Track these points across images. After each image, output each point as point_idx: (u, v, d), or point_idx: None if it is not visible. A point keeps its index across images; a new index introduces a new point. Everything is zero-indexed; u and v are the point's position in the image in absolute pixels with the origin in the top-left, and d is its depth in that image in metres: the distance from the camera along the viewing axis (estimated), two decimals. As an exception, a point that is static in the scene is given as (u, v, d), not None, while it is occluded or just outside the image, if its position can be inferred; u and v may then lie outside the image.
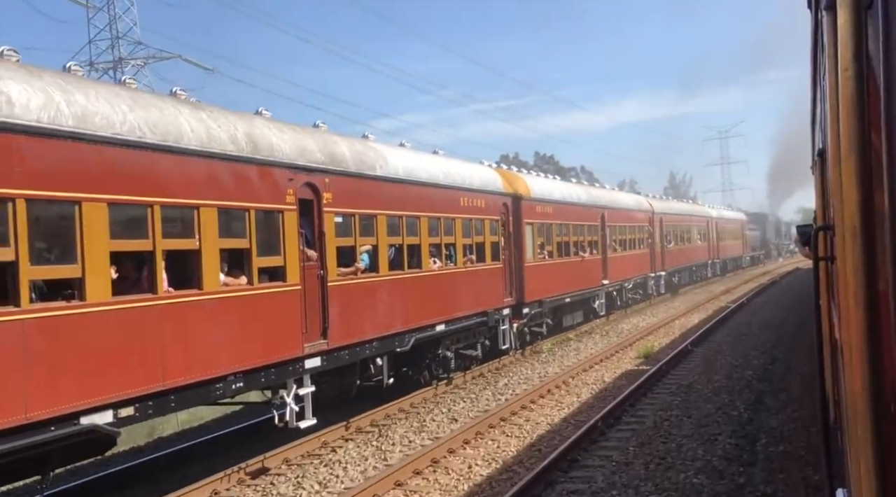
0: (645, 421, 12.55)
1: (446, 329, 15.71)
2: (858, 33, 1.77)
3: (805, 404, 12.86)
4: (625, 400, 13.71)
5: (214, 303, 9.54)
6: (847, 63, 1.80)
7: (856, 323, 1.80)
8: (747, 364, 17.34)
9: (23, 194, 7.11)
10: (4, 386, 6.87)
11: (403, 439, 12.40)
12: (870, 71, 1.70)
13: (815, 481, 8.69)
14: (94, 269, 7.81)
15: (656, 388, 15.34)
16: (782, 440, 10.99)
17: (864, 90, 1.75)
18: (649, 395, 14.71)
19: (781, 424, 11.89)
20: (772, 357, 18.20)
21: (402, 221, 14.14)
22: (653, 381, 15.64)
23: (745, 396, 14.05)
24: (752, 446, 10.75)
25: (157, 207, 8.65)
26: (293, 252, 11.01)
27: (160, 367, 8.59)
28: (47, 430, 7.31)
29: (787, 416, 12.35)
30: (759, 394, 14.24)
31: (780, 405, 13.23)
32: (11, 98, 7.10)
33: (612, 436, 11.80)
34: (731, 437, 11.26)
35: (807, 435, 10.97)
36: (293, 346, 10.98)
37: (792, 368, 16.63)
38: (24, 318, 7.08)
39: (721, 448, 10.70)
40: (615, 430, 12.10)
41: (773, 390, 14.50)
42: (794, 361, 17.39)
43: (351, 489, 9.72)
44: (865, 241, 1.76)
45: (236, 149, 10.02)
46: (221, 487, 10.10)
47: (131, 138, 8.34)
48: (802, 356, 17.50)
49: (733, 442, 10.96)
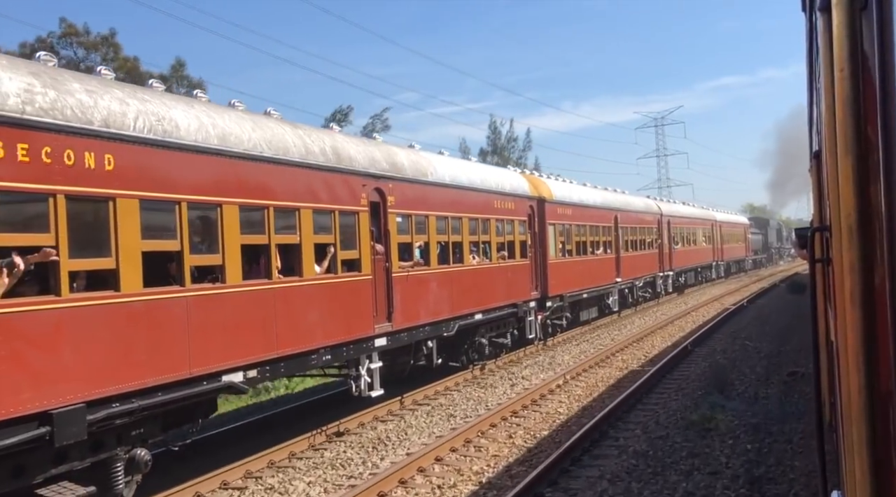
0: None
1: (483, 318, 17.66)
2: (853, 34, 1.75)
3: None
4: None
5: (311, 288, 11.51)
6: (842, 63, 1.78)
7: (851, 323, 1.77)
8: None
9: (185, 199, 9.09)
10: (176, 347, 8.85)
11: (458, 410, 14.36)
12: (865, 71, 1.69)
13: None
14: (231, 258, 9.79)
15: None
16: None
17: (859, 90, 1.73)
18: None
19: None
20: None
21: (448, 221, 16.11)
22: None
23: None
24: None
25: (272, 209, 10.63)
26: (366, 247, 12.99)
27: (274, 338, 10.56)
28: (202, 384, 9.28)
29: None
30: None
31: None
32: (178, 124, 9.09)
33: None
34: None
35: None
36: (366, 326, 12.95)
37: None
38: (188, 296, 9.07)
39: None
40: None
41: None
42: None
43: (414, 453, 11.65)
44: (861, 240, 1.73)
45: (325, 160, 11.99)
46: (317, 442, 12.11)
47: (255, 153, 10.33)
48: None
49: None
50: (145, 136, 8.54)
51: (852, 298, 1.75)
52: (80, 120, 7.74)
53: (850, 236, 1.75)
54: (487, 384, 17.01)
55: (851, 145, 1.73)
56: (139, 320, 8.37)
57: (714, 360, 18.30)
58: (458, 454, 11.35)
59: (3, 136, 6.98)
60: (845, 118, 1.76)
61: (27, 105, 7.23)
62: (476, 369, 18.36)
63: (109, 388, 7.94)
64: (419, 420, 13.70)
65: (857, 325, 1.73)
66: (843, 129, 1.77)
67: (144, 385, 8.36)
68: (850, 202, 1.74)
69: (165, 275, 9.03)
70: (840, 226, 1.83)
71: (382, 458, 11.27)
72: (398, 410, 14.48)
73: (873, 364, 1.69)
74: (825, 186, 3.29)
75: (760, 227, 73.48)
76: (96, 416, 7.77)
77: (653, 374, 16.29)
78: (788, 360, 17.58)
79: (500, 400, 15.00)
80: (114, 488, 8.43)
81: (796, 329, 22.19)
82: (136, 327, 8.33)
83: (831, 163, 2.15)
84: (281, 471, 10.84)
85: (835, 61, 1.82)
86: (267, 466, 11.01)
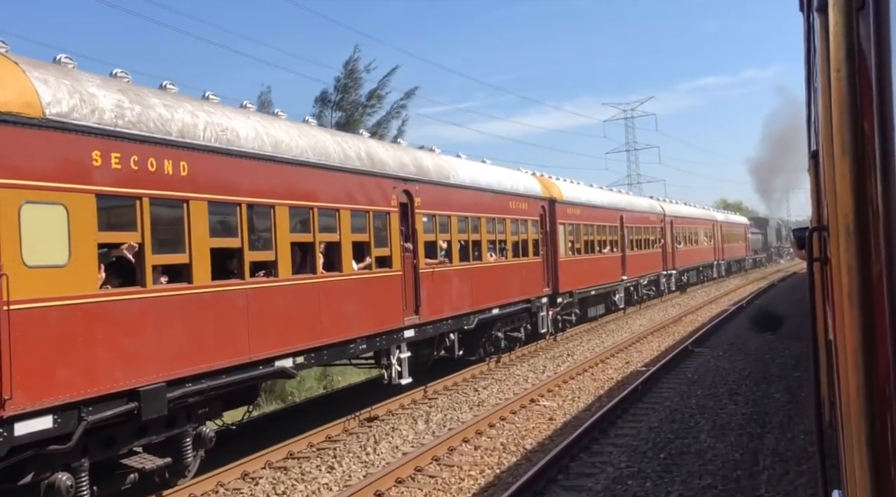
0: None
1: (500, 313, 18.63)
2: (850, 34, 1.75)
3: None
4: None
5: (349, 282, 12.48)
6: (839, 64, 1.78)
7: (850, 322, 1.77)
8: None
9: (245, 201, 10.05)
10: (239, 334, 9.82)
11: (483, 393, 15.34)
12: (862, 71, 1.69)
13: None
14: (283, 255, 10.76)
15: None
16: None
17: (856, 90, 1.74)
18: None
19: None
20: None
21: (468, 221, 17.09)
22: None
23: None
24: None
25: (316, 210, 11.59)
26: (396, 244, 13.96)
27: (318, 327, 11.52)
28: (258, 368, 10.25)
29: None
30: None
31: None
32: (239, 133, 10.06)
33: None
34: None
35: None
36: (397, 318, 13.92)
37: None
38: (248, 288, 10.04)
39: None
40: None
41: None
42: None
43: (441, 435, 12.63)
44: (859, 240, 1.73)
45: (361, 165, 12.96)
46: (349, 426, 13.08)
47: (302, 159, 11.30)
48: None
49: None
50: (213, 145, 9.51)
51: (850, 297, 1.75)
52: (160, 131, 8.71)
53: (847, 236, 1.76)
54: (507, 373, 18.00)
55: (848, 145, 1.75)
56: (208, 309, 9.34)
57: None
58: (496, 428, 12.37)
59: (101, 146, 7.95)
60: (842, 118, 1.77)
61: (119, 119, 8.20)
62: (492, 362, 19.33)
63: (184, 370, 8.91)
64: (447, 402, 14.69)
65: (855, 323, 1.73)
66: (839, 129, 1.79)
67: (212, 367, 9.33)
68: (848, 202, 1.75)
69: (227, 269, 9.99)
70: (837, 225, 1.84)
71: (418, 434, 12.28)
72: (422, 399, 15.44)
73: (872, 363, 1.69)
74: (823, 186, 3.29)
75: (760, 227, 74.57)
76: (174, 394, 8.74)
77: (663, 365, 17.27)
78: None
79: (524, 386, 15.97)
80: (184, 461, 9.40)
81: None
82: (205, 316, 9.30)
83: (828, 163, 2.16)
84: (321, 453, 11.82)
85: (832, 62, 1.83)
86: (307, 447, 11.99)
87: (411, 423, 13.28)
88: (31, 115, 7.25)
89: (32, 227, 7.17)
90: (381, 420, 13.79)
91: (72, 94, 7.76)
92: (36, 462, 7.39)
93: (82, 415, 7.60)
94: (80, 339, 7.62)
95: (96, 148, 7.91)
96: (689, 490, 8.88)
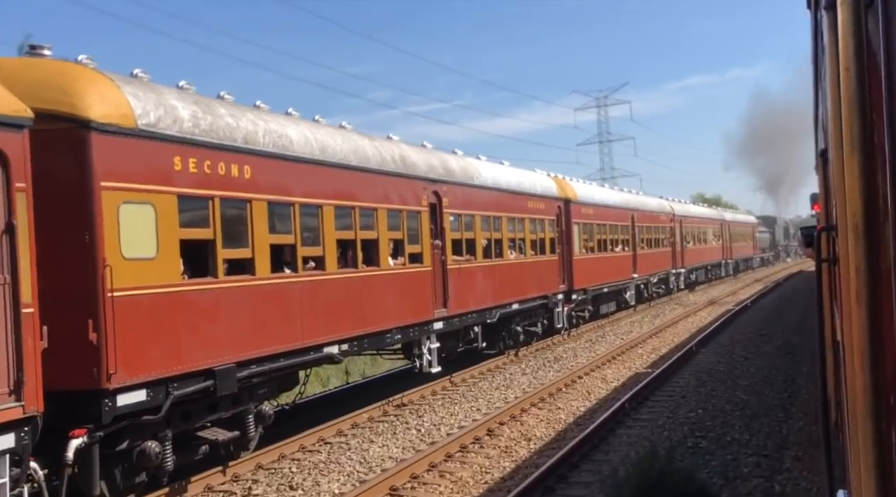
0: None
1: (519, 308, 19.60)
2: (859, 32, 1.72)
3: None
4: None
5: (386, 277, 13.48)
6: (848, 62, 1.76)
7: (857, 323, 1.75)
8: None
9: (298, 201, 11.07)
10: (294, 322, 10.83)
11: (513, 382, 16.34)
12: (871, 69, 1.67)
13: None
14: (329, 250, 11.78)
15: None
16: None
17: (865, 88, 1.72)
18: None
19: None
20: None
21: (491, 220, 18.08)
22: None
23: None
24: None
25: (357, 209, 12.61)
26: (427, 242, 14.96)
27: (360, 317, 12.52)
28: (309, 354, 11.26)
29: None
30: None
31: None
32: (292, 139, 11.08)
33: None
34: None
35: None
36: (427, 311, 14.91)
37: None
38: (301, 280, 11.05)
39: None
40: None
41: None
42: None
43: (477, 420, 13.61)
44: (868, 240, 1.71)
45: (395, 167, 13.97)
46: (388, 409, 14.10)
47: (345, 162, 12.31)
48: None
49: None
50: (271, 150, 10.53)
51: (858, 299, 1.74)
52: (229, 138, 9.73)
53: (856, 236, 1.74)
54: (528, 366, 18.99)
55: (857, 144, 1.73)
56: (269, 299, 10.35)
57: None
58: (539, 407, 13.37)
59: (181, 152, 8.98)
60: (851, 117, 1.75)
61: (195, 127, 9.22)
62: (511, 355, 20.30)
63: (250, 352, 9.92)
64: (481, 390, 15.69)
65: (863, 325, 1.71)
66: (849, 128, 1.76)
67: (274, 351, 10.34)
68: (857, 201, 1.73)
69: (282, 263, 11.00)
70: (846, 225, 1.81)
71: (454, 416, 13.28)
72: (450, 387, 16.44)
73: (879, 363, 1.68)
74: (831, 185, 3.21)
75: (768, 226, 75.38)
76: (242, 374, 9.75)
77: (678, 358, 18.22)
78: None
79: (549, 377, 16.95)
80: (247, 435, 10.41)
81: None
82: (266, 304, 10.31)
83: (837, 162, 2.13)
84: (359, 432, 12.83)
85: (840, 59, 1.81)
86: (351, 427, 12.99)
87: (448, 406, 14.28)
88: (127, 126, 8.28)
89: (128, 224, 8.19)
90: (415, 404, 14.81)
91: (157, 106, 8.79)
92: (130, 431, 8.41)
93: (169, 389, 8.62)
94: (167, 322, 8.64)
95: (177, 154, 8.94)
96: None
